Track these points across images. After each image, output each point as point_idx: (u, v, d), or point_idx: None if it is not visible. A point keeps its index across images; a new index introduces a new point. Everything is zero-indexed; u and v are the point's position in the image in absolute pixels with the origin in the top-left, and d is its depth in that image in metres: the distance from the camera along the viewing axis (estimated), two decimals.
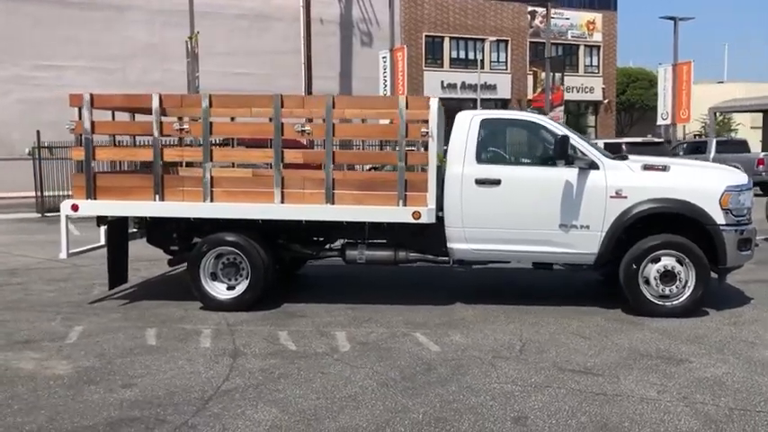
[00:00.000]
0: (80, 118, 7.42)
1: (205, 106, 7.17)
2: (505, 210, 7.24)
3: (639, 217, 7.01)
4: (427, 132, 7.10)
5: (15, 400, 4.91)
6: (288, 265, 8.87)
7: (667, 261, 7.04)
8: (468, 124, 7.38)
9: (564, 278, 8.94)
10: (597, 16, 44.18)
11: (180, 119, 7.44)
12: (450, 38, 40.06)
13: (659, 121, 28.24)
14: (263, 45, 32.82)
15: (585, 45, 44.22)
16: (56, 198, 17.80)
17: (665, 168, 7.28)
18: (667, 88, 27.14)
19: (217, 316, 7.19)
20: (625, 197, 7.08)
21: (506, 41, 41.68)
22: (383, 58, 25.56)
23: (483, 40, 39.69)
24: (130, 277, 8.51)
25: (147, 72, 30.37)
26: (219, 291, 7.48)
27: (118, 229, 7.97)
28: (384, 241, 7.85)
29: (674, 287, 7.04)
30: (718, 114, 37.40)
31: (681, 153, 24.13)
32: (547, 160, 7.37)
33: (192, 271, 7.45)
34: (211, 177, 7.28)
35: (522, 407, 4.74)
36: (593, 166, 7.16)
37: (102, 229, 8.16)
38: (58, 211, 7.79)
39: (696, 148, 24.71)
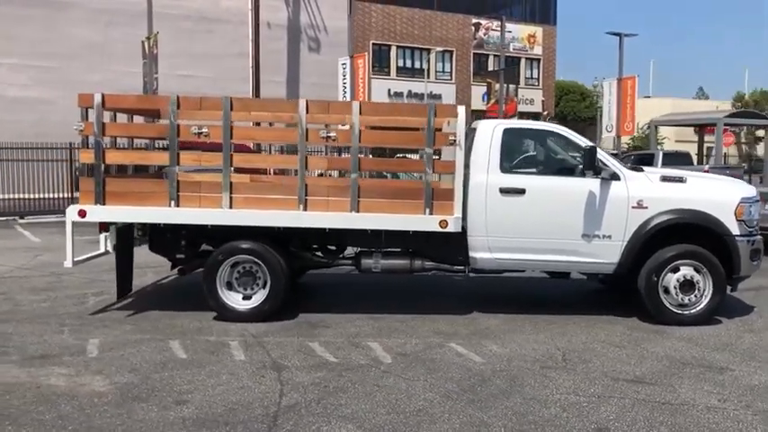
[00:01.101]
0: (86, 119, 7.04)
1: (226, 110, 6.92)
2: (530, 219, 7.26)
3: (662, 227, 7.15)
4: (455, 140, 7.05)
5: (67, 420, 4.58)
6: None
7: (686, 270, 7.21)
8: (491, 133, 7.38)
9: (565, 286, 9.03)
10: (538, 30, 45.34)
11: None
12: (398, 46, 40.31)
13: (604, 134, 29.11)
14: (209, 48, 32.09)
15: (526, 58, 45.30)
16: (5, 202, 16.87)
17: (682, 180, 7.46)
18: (612, 101, 28.02)
19: (236, 327, 6.93)
20: (646, 207, 7.21)
21: (451, 52, 42.25)
22: (342, 64, 25.40)
23: (429, 50, 40.12)
24: (111, 286, 8.11)
25: (88, 72, 29.29)
26: (236, 301, 7.21)
27: (125, 236, 7.59)
28: (398, 250, 7.76)
29: (692, 296, 7.21)
30: (645, 128, 38.80)
31: (628, 164, 24.85)
32: (570, 170, 7.44)
33: (207, 281, 7.15)
34: (231, 183, 7.02)
35: (597, 418, 4.73)
36: (615, 176, 7.27)
37: (104, 236, 7.75)
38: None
39: (641, 160, 25.54)
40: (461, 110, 7.11)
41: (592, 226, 7.24)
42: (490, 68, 43.54)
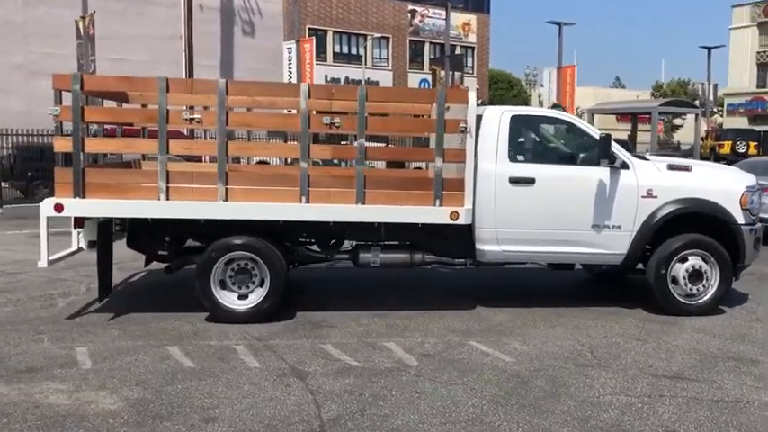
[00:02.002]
0: (60, 102, 6.34)
1: (221, 93, 6.34)
2: (539, 210, 7.01)
3: (672, 217, 7.03)
4: (466, 127, 6.71)
5: None
6: None
7: (694, 261, 7.12)
8: (498, 121, 7.07)
9: (554, 277, 8.85)
10: (472, 18, 45.50)
11: (191, 108, 6.53)
12: (334, 32, 39.64)
13: None
14: (142, 30, 30.73)
15: (461, 46, 45.35)
16: None
17: (688, 168, 7.37)
18: (552, 89, 28.37)
19: (234, 329, 6.40)
20: (655, 197, 7.07)
21: (388, 38, 41.88)
22: (288, 48, 24.62)
23: (365, 36, 39.64)
24: (77, 285, 7.43)
25: (5, 53, 27.52)
26: (231, 301, 6.68)
27: (106, 232, 6.91)
28: (397, 243, 7.38)
29: (700, 286, 7.13)
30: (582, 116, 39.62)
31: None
32: (579, 159, 7.23)
33: (201, 280, 6.59)
34: (226, 174, 6.46)
35: (660, 420, 4.51)
36: (624, 165, 7.09)
37: (77, 232, 7.06)
38: None
39: None
40: (472, 95, 6.77)
41: (601, 216, 7.05)
42: (427, 56, 43.51)
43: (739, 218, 7.20)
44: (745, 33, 61.13)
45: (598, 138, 6.91)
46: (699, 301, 7.17)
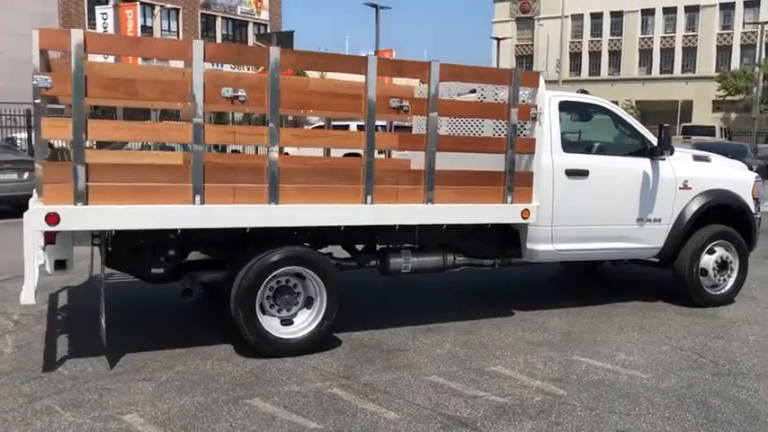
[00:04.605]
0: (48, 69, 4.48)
1: (275, 62, 4.90)
2: (592, 204, 6.50)
3: (707, 209, 6.93)
4: (537, 114, 5.95)
5: None
6: None
7: (722, 252, 7.11)
8: (547, 106, 6.39)
9: (540, 273, 8.45)
10: None
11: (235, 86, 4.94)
12: None
13: None
14: None
15: (254, 22, 43.52)
16: None
17: (708, 159, 7.32)
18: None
19: (301, 366, 5.07)
20: (690, 188, 6.93)
21: (177, 10, 38.75)
22: (103, 14, 21.27)
23: (153, 6, 36.26)
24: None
25: None
26: (275, 328, 5.28)
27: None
28: (429, 245, 6.43)
29: (726, 276, 7.15)
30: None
31: None
32: (624, 150, 6.83)
33: (245, 305, 5.10)
34: (279, 169, 5.04)
35: None
36: (662, 156, 6.83)
37: (46, 250, 5.12)
38: None
39: None
40: (542, 79, 6.02)
41: (646, 209, 6.74)
42: (219, 31, 41.11)
43: (752, 207, 7.32)
44: (506, 27, 66.44)
45: (661, 127, 6.58)
46: (722, 291, 7.19)
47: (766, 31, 44.50)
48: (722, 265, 7.10)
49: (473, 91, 6.81)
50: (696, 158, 7.22)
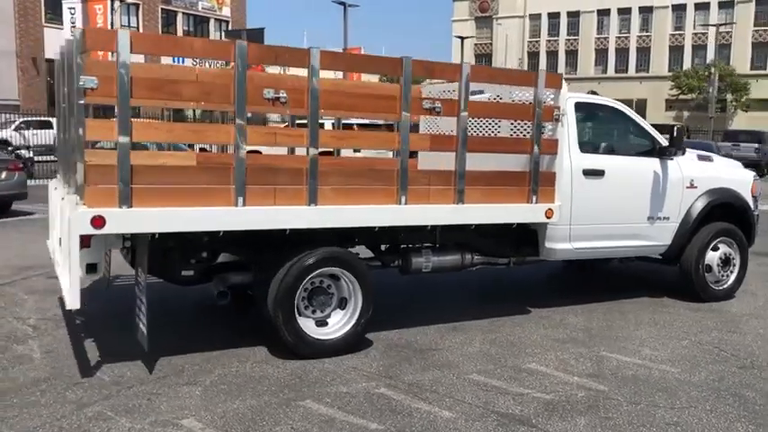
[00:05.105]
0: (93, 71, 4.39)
1: (314, 65, 4.90)
2: (608, 203, 6.65)
3: (712, 207, 7.15)
4: (560, 115, 6.07)
5: None
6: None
7: (725, 248, 7.35)
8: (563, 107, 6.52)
9: (530, 271, 8.59)
10: None
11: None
12: None
13: None
14: None
15: (216, 19, 42.98)
16: None
17: (710, 159, 7.56)
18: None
19: (341, 367, 5.08)
20: (696, 187, 7.15)
21: (138, 5, 38.03)
22: (70, 9, 20.68)
23: (113, 1, 35.41)
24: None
25: None
26: (312, 329, 5.29)
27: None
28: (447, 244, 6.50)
29: (728, 271, 7.40)
30: None
31: None
32: (635, 150, 7.00)
33: (284, 306, 5.09)
34: (319, 169, 5.04)
35: None
36: (671, 156, 7.03)
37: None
38: None
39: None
40: (564, 82, 6.14)
41: (656, 208, 6.94)
42: (180, 27, 40.47)
43: (751, 204, 7.59)
44: (465, 26, 66.95)
45: (677, 128, 6.77)
46: (725, 287, 7.43)
47: (721, 33, 45.88)
48: (725, 262, 7.35)
49: (479, 92, 6.89)
50: (700, 158, 7.45)
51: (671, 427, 4.24)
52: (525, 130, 6.29)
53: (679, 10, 63.01)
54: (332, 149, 6.78)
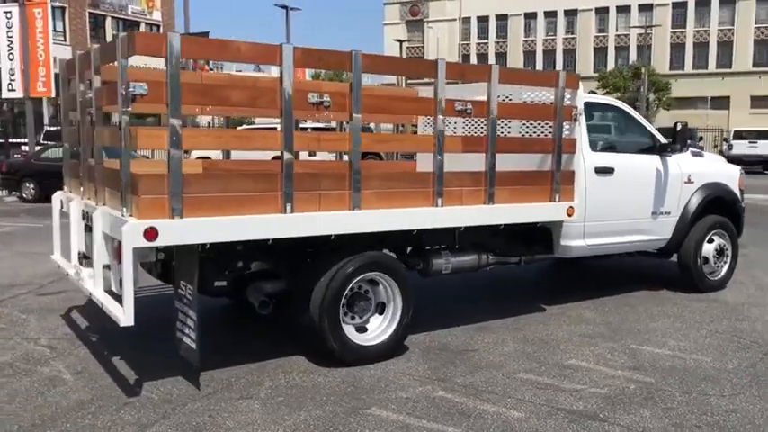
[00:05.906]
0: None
1: (357, 67, 4.84)
2: (617, 200, 6.83)
3: (708, 201, 7.43)
4: (577, 115, 6.19)
5: None
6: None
7: (719, 240, 7.65)
8: None
9: (525, 268, 8.72)
10: None
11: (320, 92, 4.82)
12: None
13: None
14: None
15: (146, 23, 41.88)
16: None
17: (702, 155, 7.85)
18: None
19: (390, 374, 5.02)
20: (693, 182, 7.42)
21: (64, 9, 36.66)
22: (6, 13, 19.65)
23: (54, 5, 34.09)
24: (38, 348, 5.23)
25: None
26: (354, 336, 5.23)
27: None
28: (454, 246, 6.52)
29: (722, 262, 7.70)
30: None
31: None
32: (638, 147, 7.22)
33: (330, 313, 5.01)
34: (361, 175, 4.98)
35: None
36: (670, 153, 7.27)
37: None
38: None
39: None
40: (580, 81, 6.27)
41: (659, 203, 7.17)
42: (109, 31, 39.26)
43: (740, 198, 7.93)
44: (397, 29, 67.42)
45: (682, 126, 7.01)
46: (718, 277, 7.74)
47: (642, 35, 47.70)
48: (720, 253, 7.65)
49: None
50: (694, 154, 7.73)
51: (731, 414, 4.38)
52: (540, 130, 6.39)
53: (602, 12, 65.19)
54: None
